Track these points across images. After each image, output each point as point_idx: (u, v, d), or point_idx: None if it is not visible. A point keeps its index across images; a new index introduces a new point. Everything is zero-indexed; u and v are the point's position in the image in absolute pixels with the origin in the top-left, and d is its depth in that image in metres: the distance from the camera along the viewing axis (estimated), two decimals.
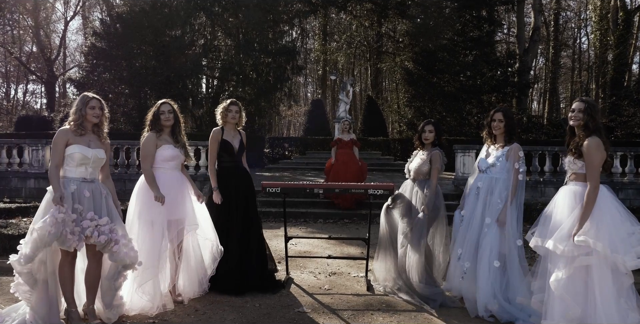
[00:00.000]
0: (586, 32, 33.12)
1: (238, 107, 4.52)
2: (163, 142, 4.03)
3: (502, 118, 3.99)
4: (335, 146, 9.05)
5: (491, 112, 4.12)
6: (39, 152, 10.21)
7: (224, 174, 4.50)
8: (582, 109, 3.29)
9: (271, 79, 19.91)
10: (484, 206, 3.96)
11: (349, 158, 8.80)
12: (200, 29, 19.97)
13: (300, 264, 5.57)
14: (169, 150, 4.02)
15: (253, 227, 4.48)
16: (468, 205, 4.14)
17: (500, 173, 3.95)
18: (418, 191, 4.36)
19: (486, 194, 3.97)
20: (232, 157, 4.50)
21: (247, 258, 4.36)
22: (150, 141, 3.99)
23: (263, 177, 13.24)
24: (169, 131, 4.09)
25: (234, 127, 4.56)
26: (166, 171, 4.03)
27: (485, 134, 4.17)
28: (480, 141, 4.43)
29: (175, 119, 4.08)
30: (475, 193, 4.06)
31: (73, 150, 3.35)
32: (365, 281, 4.87)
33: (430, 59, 21.36)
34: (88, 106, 3.39)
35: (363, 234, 7.10)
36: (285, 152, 21.17)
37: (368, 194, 4.66)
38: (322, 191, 4.77)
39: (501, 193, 3.91)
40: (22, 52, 31.97)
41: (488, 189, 3.98)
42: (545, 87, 33.58)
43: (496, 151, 4.05)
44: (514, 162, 3.91)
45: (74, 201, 3.25)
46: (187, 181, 4.20)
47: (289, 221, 8.39)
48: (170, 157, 4.03)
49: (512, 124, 4.01)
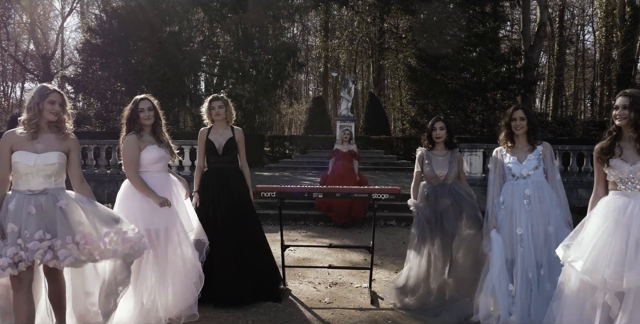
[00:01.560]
0: (593, 29, 32.56)
1: (221, 102, 4.12)
2: (147, 144, 3.61)
3: (523, 116, 3.55)
4: (333, 158, 8.16)
5: (509, 111, 3.67)
6: None
7: (207, 176, 4.12)
8: (627, 105, 2.72)
9: (271, 76, 19.55)
10: (542, 215, 3.43)
11: (347, 172, 7.83)
12: (198, 25, 19.58)
13: (299, 272, 5.16)
14: (154, 151, 3.60)
15: (244, 236, 4.04)
16: (521, 220, 3.44)
17: (541, 176, 3.54)
18: (462, 196, 3.96)
19: (538, 202, 3.46)
20: (218, 158, 4.11)
21: (234, 270, 3.94)
22: (133, 144, 3.57)
23: (262, 177, 12.85)
24: (150, 130, 3.67)
25: (222, 124, 4.15)
26: (155, 175, 3.62)
27: (504, 137, 3.68)
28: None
29: (155, 117, 3.66)
30: (526, 203, 3.46)
31: (14, 159, 2.85)
32: (368, 292, 4.46)
33: (434, 55, 20.87)
34: (47, 100, 2.88)
35: (366, 240, 6.73)
36: (285, 150, 20.78)
37: (372, 199, 4.23)
38: (321, 196, 4.33)
39: (552, 198, 3.47)
40: (19, 50, 31.57)
41: (539, 196, 3.48)
42: (549, 84, 33.08)
43: (526, 152, 3.59)
44: (552, 161, 3.53)
45: (7, 220, 2.74)
46: (175, 183, 3.75)
47: (287, 224, 8.00)
48: (157, 159, 3.62)
49: (534, 121, 3.59)
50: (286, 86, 21.53)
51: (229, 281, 3.92)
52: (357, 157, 8.13)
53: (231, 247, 3.96)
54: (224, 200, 4.03)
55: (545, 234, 3.41)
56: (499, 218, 3.54)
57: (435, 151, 4.11)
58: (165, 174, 3.71)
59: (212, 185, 4.07)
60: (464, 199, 3.95)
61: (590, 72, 34.84)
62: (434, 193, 4.02)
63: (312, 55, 34.86)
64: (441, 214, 3.94)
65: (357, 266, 5.49)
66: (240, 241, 4.00)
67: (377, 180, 11.88)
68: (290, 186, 4.36)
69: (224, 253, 3.92)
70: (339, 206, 7.71)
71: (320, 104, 24.98)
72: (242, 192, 4.15)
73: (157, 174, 3.62)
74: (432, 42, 21.48)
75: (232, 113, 4.20)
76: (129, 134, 3.60)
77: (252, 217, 4.20)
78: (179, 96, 18.45)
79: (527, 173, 3.53)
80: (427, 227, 3.95)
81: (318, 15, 29.87)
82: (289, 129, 39.16)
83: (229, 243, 3.95)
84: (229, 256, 3.94)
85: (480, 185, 9.33)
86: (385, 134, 21.82)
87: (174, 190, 3.69)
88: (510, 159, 3.61)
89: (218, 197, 4.03)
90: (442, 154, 4.07)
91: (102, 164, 10.16)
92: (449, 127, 4.04)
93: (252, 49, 19.17)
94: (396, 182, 11.50)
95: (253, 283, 4.03)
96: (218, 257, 3.89)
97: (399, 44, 26.17)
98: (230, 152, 4.12)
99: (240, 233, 4.02)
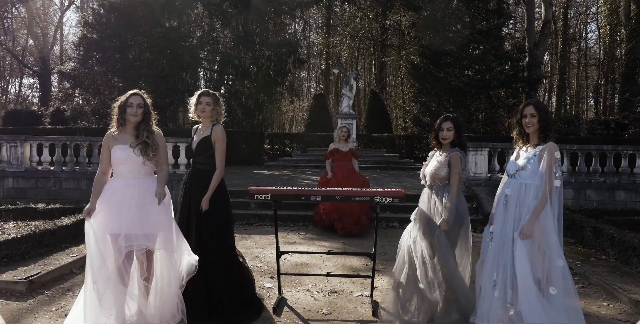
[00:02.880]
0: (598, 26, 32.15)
1: (210, 99, 3.75)
2: (117, 142, 3.32)
3: (534, 112, 3.24)
4: (330, 159, 7.35)
5: (520, 108, 3.38)
6: (18, 149, 9.50)
7: (185, 176, 3.88)
8: None
9: (272, 73, 19.24)
10: (515, 218, 3.22)
11: (349, 173, 7.12)
12: (197, 20, 19.25)
13: (296, 279, 4.86)
14: (117, 151, 3.31)
15: (205, 246, 3.64)
16: (497, 218, 3.38)
17: (531, 178, 3.21)
18: (436, 200, 3.61)
19: (516, 204, 3.24)
20: (195, 158, 3.82)
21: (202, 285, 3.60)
22: (104, 142, 3.34)
23: (261, 175, 12.54)
24: (133, 127, 3.36)
25: (207, 122, 3.82)
26: (118, 177, 3.33)
27: (516, 135, 3.42)
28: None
29: (144, 115, 3.35)
30: (504, 203, 3.33)
31: None
32: (370, 302, 4.16)
33: (437, 52, 20.57)
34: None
35: (368, 243, 6.41)
36: (286, 148, 20.48)
37: (374, 203, 3.91)
38: (319, 199, 4.01)
39: (533, 203, 3.18)
40: (18, 45, 31.25)
41: (518, 197, 3.24)
42: (552, 82, 32.72)
43: (526, 151, 3.32)
44: (549, 164, 3.16)
45: None
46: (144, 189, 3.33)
47: (286, 225, 7.69)
48: (121, 160, 3.30)
49: (546, 118, 3.26)
50: (287, 83, 21.20)
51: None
52: (358, 156, 7.55)
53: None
54: (187, 205, 3.73)
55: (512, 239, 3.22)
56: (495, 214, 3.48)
57: (440, 151, 3.79)
58: (129, 178, 3.31)
59: (184, 186, 3.81)
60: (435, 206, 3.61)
61: (593, 71, 34.47)
62: (421, 197, 3.81)
63: (314, 52, 34.52)
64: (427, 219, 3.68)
65: (358, 271, 5.19)
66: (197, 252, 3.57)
67: (379, 179, 11.57)
68: (286, 188, 4.04)
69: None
70: (350, 214, 6.89)
71: (321, 102, 24.62)
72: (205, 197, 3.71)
73: (120, 178, 3.32)
74: (435, 39, 21.16)
75: (220, 113, 3.84)
76: (108, 131, 3.37)
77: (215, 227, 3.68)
78: (178, 92, 18.12)
79: (513, 172, 3.33)
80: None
81: (320, 12, 29.52)
82: (290, 127, 38.83)
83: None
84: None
85: (486, 185, 9.04)
86: (387, 132, 21.51)
87: (134, 197, 3.25)
88: (515, 155, 3.43)
89: (189, 202, 3.73)
90: (442, 154, 3.73)
91: (95, 162, 9.77)
92: (457, 127, 3.70)
93: (252, 45, 18.85)
94: (398, 181, 11.18)
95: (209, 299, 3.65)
96: None
97: (401, 41, 25.86)
98: (203, 152, 3.74)
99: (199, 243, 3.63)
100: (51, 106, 20.04)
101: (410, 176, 12.56)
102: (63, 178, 9.62)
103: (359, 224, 6.95)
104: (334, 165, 7.27)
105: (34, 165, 9.85)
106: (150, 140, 3.33)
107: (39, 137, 10.27)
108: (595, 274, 4.96)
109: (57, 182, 9.64)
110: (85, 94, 18.61)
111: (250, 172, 13.42)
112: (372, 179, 11.59)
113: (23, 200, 9.09)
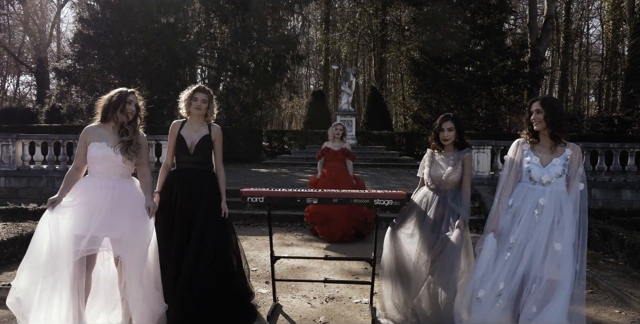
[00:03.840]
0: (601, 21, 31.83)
1: (206, 96, 3.55)
2: (95, 139, 3.09)
3: (539, 108, 3.00)
4: (322, 158, 6.79)
5: (528, 104, 3.14)
6: (10, 148, 9.28)
7: (174, 177, 3.55)
8: None
9: (270, 70, 19.02)
10: (552, 228, 2.96)
11: (340, 174, 6.49)
12: (194, 16, 18.99)
13: (292, 284, 4.65)
14: (93, 149, 3.07)
15: (206, 249, 3.43)
16: (521, 228, 3.04)
17: (563, 185, 3.01)
18: (449, 204, 3.39)
19: (553, 213, 2.96)
20: (188, 157, 3.54)
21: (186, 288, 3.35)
22: (81, 137, 3.12)
23: (258, 174, 12.35)
24: (120, 125, 3.14)
25: (200, 120, 3.60)
26: (92, 177, 3.10)
27: (526, 134, 3.15)
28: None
29: (134, 116, 3.18)
30: (537, 213, 3.00)
31: None
32: (369, 310, 3.96)
33: (438, 48, 20.29)
34: None
35: (367, 245, 6.18)
36: (284, 146, 20.28)
37: (374, 205, 3.70)
38: (315, 201, 3.79)
39: (569, 210, 2.96)
40: (15, 42, 30.97)
41: (556, 206, 2.97)
42: (552, 78, 32.47)
43: (551, 155, 3.05)
44: (577, 168, 2.95)
45: None
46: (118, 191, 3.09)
47: (283, 226, 7.48)
48: (96, 158, 3.07)
49: (556, 114, 2.99)
50: (285, 80, 20.97)
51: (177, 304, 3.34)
52: (352, 156, 6.76)
53: (179, 263, 3.37)
54: (186, 207, 3.46)
55: (548, 250, 2.95)
56: (502, 222, 3.09)
57: (443, 153, 3.56)
58: (104, 178, 3.07)
59: (176, 187, 3.50)
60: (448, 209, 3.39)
61: (594, 67, 34.21)
62: (425, 198, 3.55)
63: (313, 48, 34.25)
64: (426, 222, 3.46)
65: (357, 275, 5.00)
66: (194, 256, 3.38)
67: (379, 178, 11.36)
68: (281, 190, 3.82)
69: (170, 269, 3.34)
70: (335, 220, 6.36)
71: (320, 98, 24.39)
72: (211, 200, 3.55)
73: (94, 177, 3.08)
74: (436, 35, 20.90)
75: (213, 111, 3.64)
76: (88, 126, 3.14)
77: (218, 230, 3.54)
78: (175, 89, 17.87)
79: (548, 180, 3.01)
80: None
81: (319, 7, 29.22)
82: (289, 124, 38.59)
83: (179, 258, 3.38)
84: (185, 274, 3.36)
85: (488, 184, 8.83)
86: (387, 129, 21.30)
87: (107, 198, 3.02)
88: (532, 158, 3.08)
89: (180, 203, 3.46)
90: (448, 156, 3.52)
91: None
92: (459, 126, 3.47)
93: (250, 41, 18.61)
94: (398, 180, 10.98)
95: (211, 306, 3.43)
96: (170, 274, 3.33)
97: (401, 37, 25.60)
98: (204, 152, 3.55)
99: (197, 247, 3.41)
100: (47, 104, 19.80)
101: (411, 174, 12.34)
102: (56, 177, 9.40)
103: (344, 232, 6.38)
104: (325, 165, 6.74)
105: (27, 164, 9.64)
106: (133, 140, 3.12)
107: (31, 136, 10.05)
108: (605, 278, 4.75)
109: (49, 181, 9.43)
110: (81, 91, 18.35)
111: (248, 170, 13.22)
112: (372, 178, 11.39)
113: (15, 200, 8.89)
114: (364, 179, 9.51)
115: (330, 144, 6.79)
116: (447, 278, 3.28)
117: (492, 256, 3.04)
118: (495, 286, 3.02)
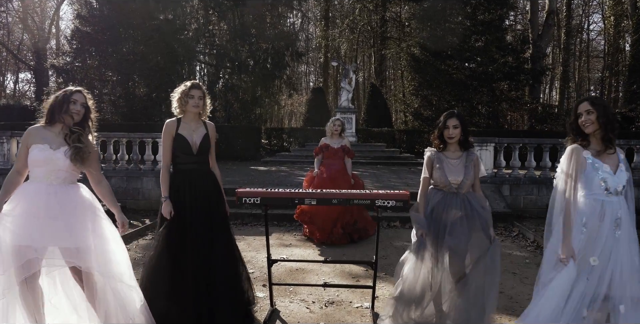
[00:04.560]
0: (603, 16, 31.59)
1: (201, 92, 3.38)
2: (37, 140, 2.83)
3: (590, 108, 2.74)
4: (320, 155, 6.47)
5: (575, 105, 2.89)
6: (4, 146, 9.10)
7: (178, 180, 3.37)
8: None
9: (269, 66, 18.83)
10: (630, 243, 2.73)
11: (339, 173, 6.20)
12: (192, 12, 18.79)
13: (290, 287, 4.51)
14: (34, 151, 2.81)
15: (218, 251, 3.33)
16: (602, 248, 2.71)
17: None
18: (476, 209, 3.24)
19: (629, 226, 2.74)
20: (191, 158, 3.38)
21: (205, 293, 3.25)
22: (23, 138, 2.87)
23: (257, 172, 12.19)
24: (67, 127, 2.90)
25: (195, 118, 3.44)
26: (32, 182, 2.84)
27: (571, 139, 2.87)
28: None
29: (84, 116, 2.94)
30: (616, 228, 2.72)
31: None
32: (370, 315, 3.82)
33: (438, 44, 20.09)
34: None
35: (368, 248, 6.02)
36: (284, 143, 20.12)
37: (375, 206, 3.55)
38: (314, 202, 3.64)
39: (633, 221, 2.76)
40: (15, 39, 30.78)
41: (626, 219, 2.75)
42: (553, 75, 32.25)
43: (615, 160, 2.80)
44: (626, 172, 2.77)
45: None
46: (61, 197, 2.82)
47: (281, 225, 7.32)
48: (37, 162, 2.81)
49: (606, 114, 2.74)
50: (285, 77, 20.80)
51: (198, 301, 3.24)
52: (351, 154, 6.45)
53: (199, 265, 3.25)
54: (200, 209, 3.31)
55: (633, 266, 2.69)
56: (577, 244, 2.72)
57: (447, 153, 3.35)
58: (46, 184, 2.81)
59: (184, 191, 3.33)
60: (477, 214, 3.22)
61: (595, 63, 33.99)
62: (443, 202, 3.30)
63: (312, 45, 34.01)
64: (446, 227, 3.23)
65: (358, 277, 4.85)
66: (210, 258, 3.29)
67: (379, 176, 11.20)
68: (278, 191, 3.67)
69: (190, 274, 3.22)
70: (324, 220, 6.16)
71: (320, 96, 24.21)
72: (218, 202, 3.44)
73: (34, 182, 2.82)
74: (436, 31, 20.70)
75: (207, 106, 3.49)
76: (31, 126, 2.90)
77: (225, 230, 3.48)
78: (173, 86, 17.68)
79: (621, 190, 2.74)
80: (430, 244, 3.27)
81: (319, 3, 29.00)
82: (289, 122, 38.41)
83: (196, 260, 3.25)
84: (197, 275, 3.25)
85: (491, 182, 8.66)
86: (387, 127, 21.13)
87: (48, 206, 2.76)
88: (603, 166, 2.75)
89: (193, 206, 3.30)
90: (456, 156, 3.32)
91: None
92: (464, 124, 3.29)
93: (249, 38, 18.43)
94: (399, 178, 10.81)
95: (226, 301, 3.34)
96: (187, 280, 3.20)
97: (401, 33, 25.39)
98: (206, 152, 3.43)
99: (211, 248, 3.31)
100: (44, 101, 19.64)
101: (412, 172, 12.18)
102: None
103: (333, 233, 6.13)
104: (323, 162, 6.43)
105: None
106: (83, 144, 2.87)
107: None
108: None
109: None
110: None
111: (247, 168, 13.06)
112: (372, 175, 11.23)
113: None
114: (364, 177, 9.35)
115: (329, 140, 6.48)
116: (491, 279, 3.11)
117: (569, 286, 2.70)
118: (577, 316, 2.71)
